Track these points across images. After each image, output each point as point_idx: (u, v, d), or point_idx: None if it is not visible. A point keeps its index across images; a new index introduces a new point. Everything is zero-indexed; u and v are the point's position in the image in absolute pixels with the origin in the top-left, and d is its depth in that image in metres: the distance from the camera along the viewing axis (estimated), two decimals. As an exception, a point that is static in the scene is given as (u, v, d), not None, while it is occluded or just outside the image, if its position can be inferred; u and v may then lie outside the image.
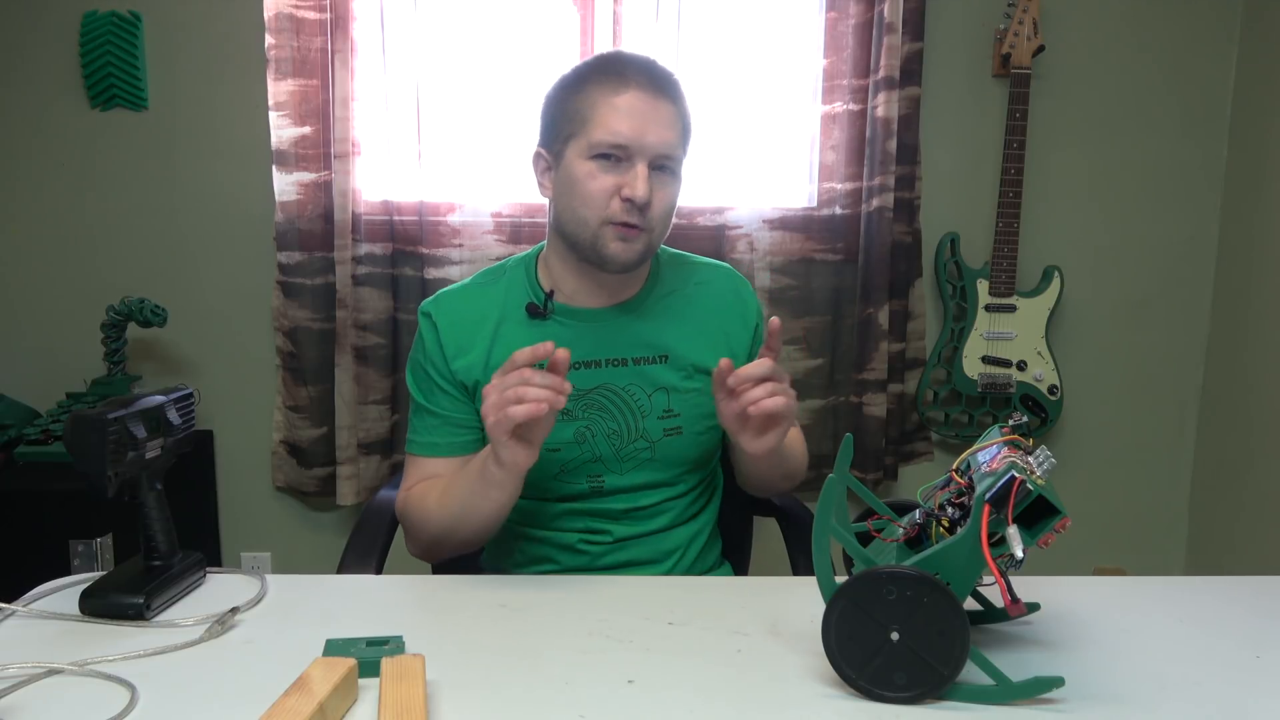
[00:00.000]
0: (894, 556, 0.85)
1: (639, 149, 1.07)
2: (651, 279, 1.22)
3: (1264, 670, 0.84)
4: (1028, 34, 2.19)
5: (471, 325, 1.17)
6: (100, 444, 0.87)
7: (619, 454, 1.17)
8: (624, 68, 1.10)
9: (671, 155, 1.09)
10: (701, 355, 1.19)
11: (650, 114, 1.08)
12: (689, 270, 1.25)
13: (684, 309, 1.21)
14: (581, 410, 1.16)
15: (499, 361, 1.13)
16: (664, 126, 1.08)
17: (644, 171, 1.07)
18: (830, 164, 2.27)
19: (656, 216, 1.10)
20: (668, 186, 1.11)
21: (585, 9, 2.24)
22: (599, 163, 1.08)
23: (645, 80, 1.09)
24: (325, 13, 2.11)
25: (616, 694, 0.78)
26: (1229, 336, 2.38)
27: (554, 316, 1.17)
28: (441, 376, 1.17)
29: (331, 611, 0.94)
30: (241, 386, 2.31)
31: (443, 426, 1.17)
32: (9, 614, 0.91)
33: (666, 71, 1.13)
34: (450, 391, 1.17)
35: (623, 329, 1.18)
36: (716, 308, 1.22)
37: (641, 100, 1.08)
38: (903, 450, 2.40)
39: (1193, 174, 2.39)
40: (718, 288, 1.24)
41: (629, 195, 1.07)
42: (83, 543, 1.90)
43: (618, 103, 1.07)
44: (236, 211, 2.26)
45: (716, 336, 1.21)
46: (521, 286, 1.19)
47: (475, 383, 1.15)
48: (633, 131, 1.07)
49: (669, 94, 1.10)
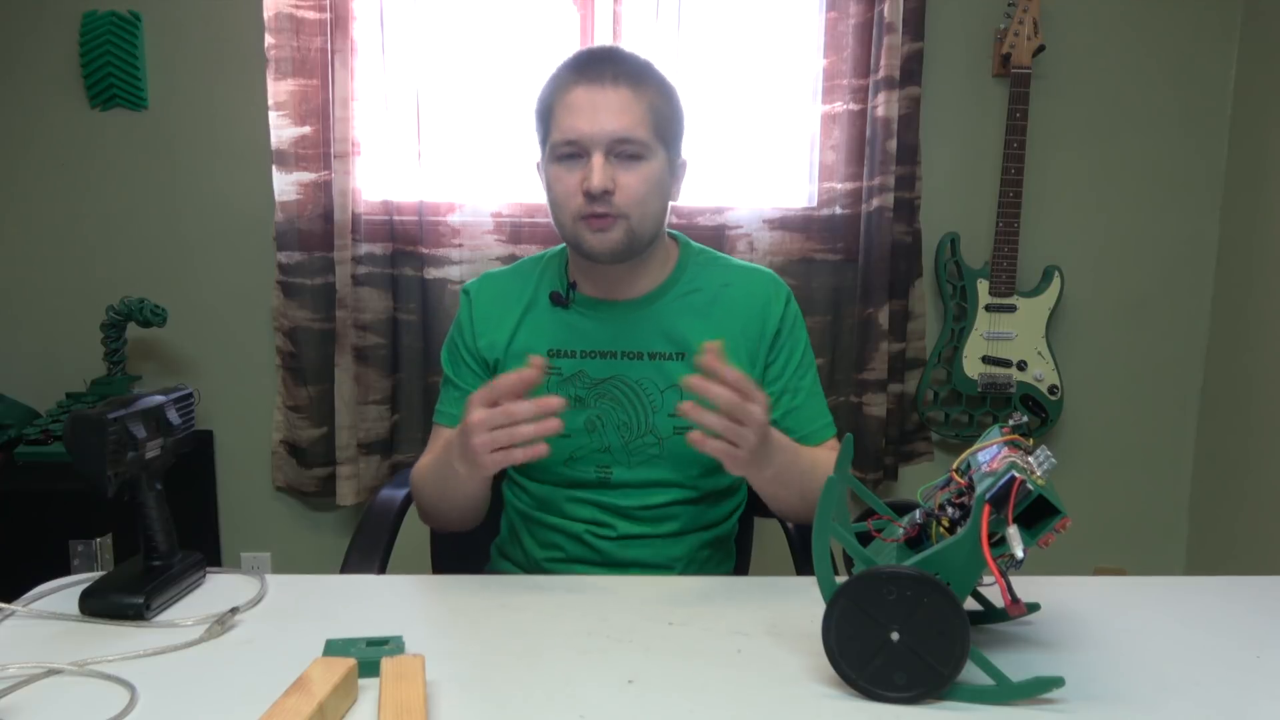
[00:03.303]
0: (894, 556, 0.85)
1: (591, 140, 1.09)
2: (675, 274, 1.22)
3: (1264, 670, 0.84)
4: (1028, 34, 2.19)
5: (503, 307, 1.22)
6: (100, 444, 0.87)
7: (628, 447, 1.18)
8: (578, 65, 1.12)
9: (630, 139, 1.09)
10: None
11: (600, 103, 1.08)
12: (721, 272, 1.24)
13: (707, 309, 1.20)
14: (594, 399, 1.18)
15: (520, 344, 1.19)
16: (615, 112, 1.08)
17: (599, 162, 1.08)
18: (830, 164, 2.27)
19: (628, 201, 1.10)
20: (634, 170, 1.10)
21: (585, 9, 2.24)
22: (563, 164, 1.11)
23: (595, 73, 1.09)
24: (325, 13, 2.11)
25: (616, 694, 0.78)
26: (1229, 336, 2.38)
27: (575, 307, 1.20)
28: (468, 352, 1.23)
29: (331, 611, 0.94)
30: (241, 386, 2.31)
31: (462, 400, 1.20)
32: (9, 614, 0.91)
33: (625, 58, 1.12)
34: (473, 367, 1.22)
35: (642, 323, 1.19)
36: (740, 312, 1.21)
37: (591, 92, 1.09)
38: (903, 450, 2.39)
39: (1193, 174, 2.39)
40: (745, 292, 1.22)
41: (586, 187, 1.09)
42: (83, 543, 1.90)
43: (568, 100, 1.10)
44: (236, 211, 2.26)
45: (737, 339, 1.20)
46: (554, 275, 1.23)
47: (496, 360, 1.21)
48: (584, 124, 1.08)
49: (625, 80, 1.09)
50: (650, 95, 1.11)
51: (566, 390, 1.18)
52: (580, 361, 1.18)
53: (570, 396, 1.17)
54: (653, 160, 1.12)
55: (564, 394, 1.17)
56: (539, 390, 1.16)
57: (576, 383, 1.18)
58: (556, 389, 1.17)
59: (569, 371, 1.18)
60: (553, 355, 1.18)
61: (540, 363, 0.98)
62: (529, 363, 0.97)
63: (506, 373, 0.99)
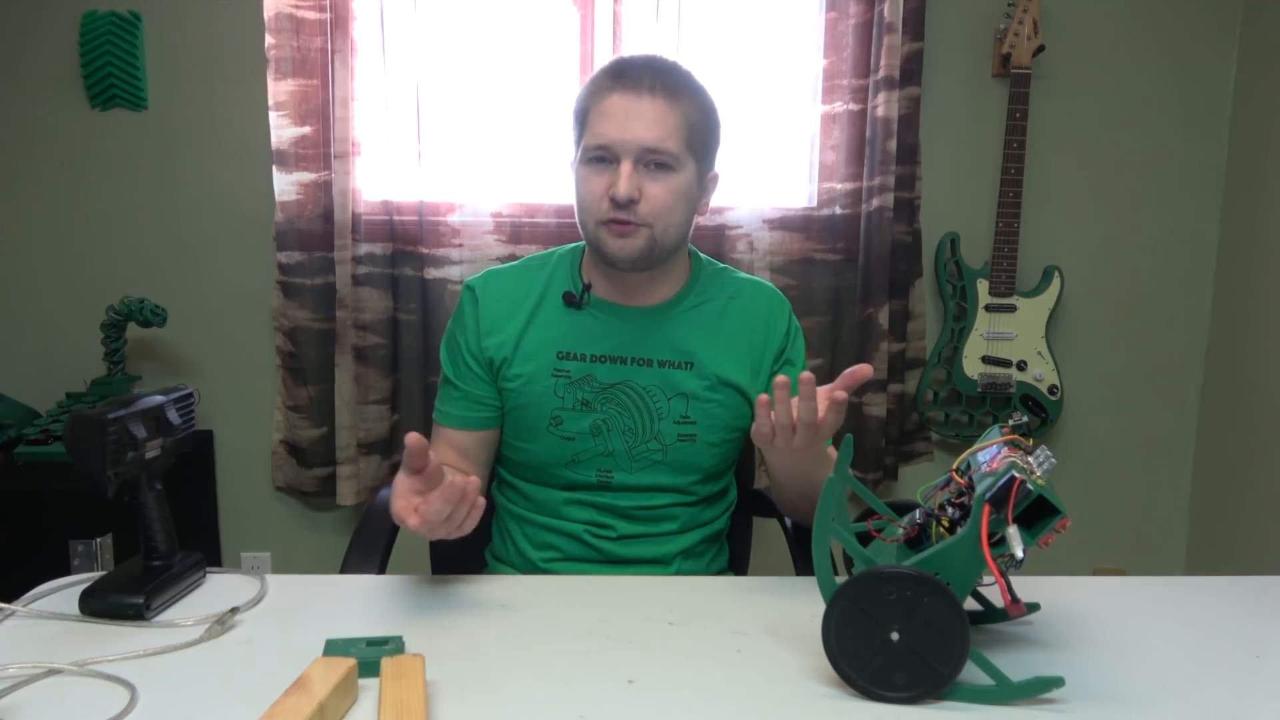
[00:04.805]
0: (894, 556, 0.85)
1: (622, 148, 1.09)
2: (689, 286, 1.23)
3: (1264, 670, 0.84)
4: (1028, 34, 2.19)
5: (510, 305, 1.21)
6: (100, 444, 0.87)
7: (631, 452, 1.19)
8: (617, 71, 1.12)
9: (660, 150, 1.09)
10: (727, 368, 1.20)
11: (634, 112, 1.09)
12: (727, 284, 1.25)
13: (715, 321, 1.21)
14: (601, 403, 1.18)
15: (529, 344, 1.19)
16: (649, 123, 1.09)
17: (627, 170, 1.09)
18: (830, 164, 2.27)
19: (653, 212, 1.11)
20: (661, 182, 1.11)
21: (585, 9, 2.24)
22: (592, 166, 1.12)
23: (633, 80, 1.10)
24: (325, 13, 2.11)
25: (616, 694, 0.78)
26: (1229, 336, 2.38)
27: (588, 309, 1.20)
28: (470, 352, 1.21)
29: (331, 611, 0.94)
30: (241, 386, 2.31)
31: (461, 400, 1.22)
32: (9, 614, 0.91)
33: (666, 68, 1.13)
34: (474, 368, 1.21)
35: (653, 331, 1.19)
36: (746, 324, 1.23)
37: (626, 100, 1.09)
38: (903, 450, 2.39)
39: (1193, 174, 2.39)
40: (750, 305, 1.24)
41: (612, 194, 1.09)
42: (83, 543, 1.90)
43: (604, 107, 1.11)
44: (236, 211, 2.26)
45: (743, 351, 1.21)
46: (565, 275, 1.23)
47: (503, 360, 1.19)
48: (615, 132, 1.09)
49: (662, 90, 1.10)
50: (685, 108, 1.11)
51: (574, 393, 1.18)
52: (590, 365, 1.18)
53: (577, 399, 1.18)
54: (682, 172, 1.12)
55: (571, 397, 1.17)
56: (546, 391, 1.17)
57: (585, 386, 1.18)
58: (564, 392, 1.18)
59: (578, 375, 1.18)
60: (561, 357, 1.18)
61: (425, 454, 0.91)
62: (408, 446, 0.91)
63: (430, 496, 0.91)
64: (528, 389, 1.18)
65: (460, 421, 1.22)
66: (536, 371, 1.18)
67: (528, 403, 1.18)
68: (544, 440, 1.19)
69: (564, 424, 1.18)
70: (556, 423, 1.18)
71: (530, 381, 1.18)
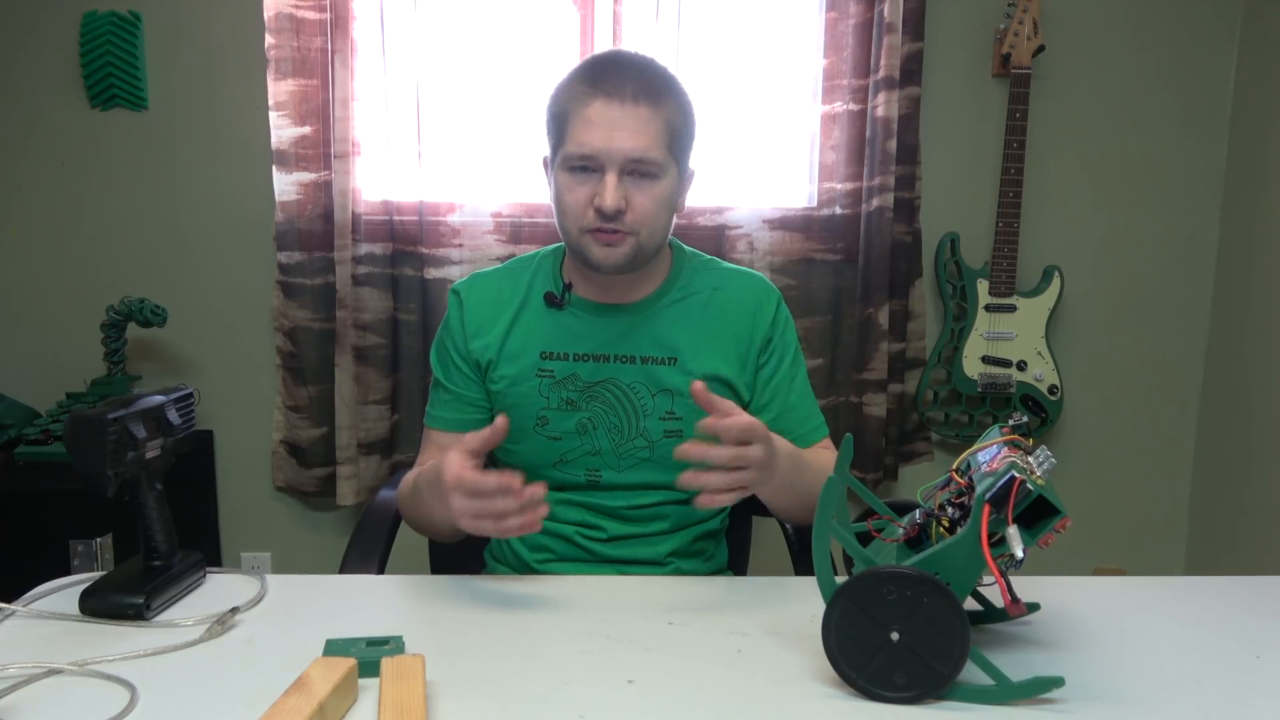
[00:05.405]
0: (894, 556, 0.85)
1: (607, 158, 1.07)
2: (669, 280, 1.22)
3: (1264, 670, 0.84)
4: (1028, 34, 2.19)
5: (495, 308, 1.21)
6: (100, 444, 0.87)
7: (618, 450, 1.18)
8: (598, 76, 1.09)
9: (645, 159, 1.08)
10: (712, 362, 1.19)
11: (619, 121, 1.07)
12: (713, 276, 1.24)
13: (699, 314, 1.20)
14: (585, 402, 1.18)
15: (513, 345, 1.19)
16: (633, 132, 1.07)
17: (612, 181, 1.07)
18: (830, 164, 2.27)
19: (639, 220, 1.10)
20: (647, 190, 1.10)
21: (585, 9, 2.24)
22: (574, 174, 1.10)
23: (615, 87, 1.07)
24: (325, 13, 2.11)
25: (616, 694, 0.78)
26: (1229, 336, 2.38)
27: (570, 309, 1.19)
28: (459, 354, 1.21)
29: (331, 611, 0.94)
30: (241, 386, 2.31)
31: (453, 403, 1.22)
32: (9, 614, 0.91)
33: (650, 72, 1.11)
34: (464, 370, 1.21)
35: (635, 327, 1.19)
36: (731, 316, 1.21)
37: (610, 108, 1.07)
38: (903, 450, 2.40)
39: (1193, 174, 2.39)
40: (736, 296, 1.22)
41: (598, 205, 1.08)
42: (83, 543, 1.89)
43: (587, 114, 1.08)
44: (236, 211, 2.26)
45: (729, 343, 1.20)
46: (547, 276, 1.22)
47: (489, 362, 1.20)
48: (600, 142, 1.07)
49: (645, 97, 1.08)
50: (667, 112, 1.10)
51: (558, 392, 1.18)
52: (573, 364, 1.18)
53: (562, 399, 1.18)
54: (665, 179, 1.11)
55: (556, 396, 1.18)
56: (531, 392, 1.17)
57: (569, 385, 1.18)
58: (549, 391, 1.17)
59: (561, 374, 1.18)
60: (545, 357, 1.18)
61: (504, 425, 0.97)
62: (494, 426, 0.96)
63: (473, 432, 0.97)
64: (513, 390, 1.18)
65: (452, 424, 1.22)
66: (521, 372, 1.18)
67: (513, 404, 1.18)
68: (531, 441, 1.19)
69: (550, 424, 1.18)
70: (543, 423, 1.18)
71: (515, 382, 1.18)
